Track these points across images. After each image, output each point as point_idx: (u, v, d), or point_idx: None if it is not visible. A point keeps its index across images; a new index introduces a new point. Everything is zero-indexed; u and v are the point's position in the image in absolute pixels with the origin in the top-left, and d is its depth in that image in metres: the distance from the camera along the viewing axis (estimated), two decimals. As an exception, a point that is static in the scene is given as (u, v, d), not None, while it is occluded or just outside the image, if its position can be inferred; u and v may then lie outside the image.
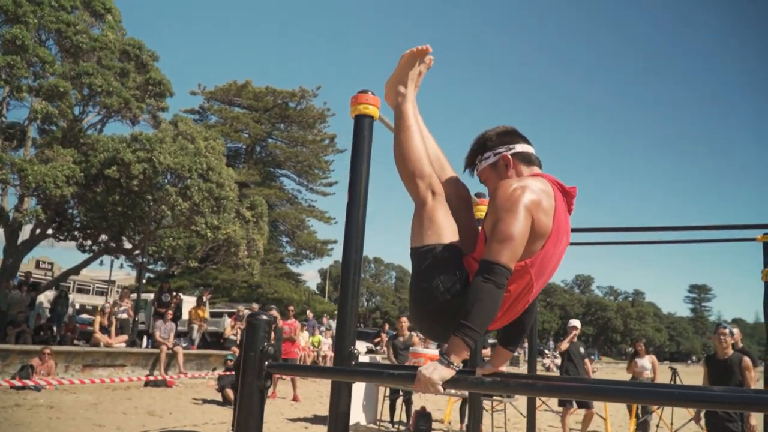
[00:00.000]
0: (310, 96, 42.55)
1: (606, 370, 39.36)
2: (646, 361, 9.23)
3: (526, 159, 2.18)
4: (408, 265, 2.75)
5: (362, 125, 2.66)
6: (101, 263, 39.30)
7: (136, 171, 13.30)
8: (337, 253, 56.60)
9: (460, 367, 1.78)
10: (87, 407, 8.91)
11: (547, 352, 37.41)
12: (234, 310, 18.06)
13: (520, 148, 2.18)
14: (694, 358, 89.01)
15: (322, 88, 43.35)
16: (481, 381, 1.71)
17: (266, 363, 2.11)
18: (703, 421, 5.92)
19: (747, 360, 5.62)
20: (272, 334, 6.88)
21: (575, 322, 9.31)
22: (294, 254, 47.59)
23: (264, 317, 2.21)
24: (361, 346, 21.93)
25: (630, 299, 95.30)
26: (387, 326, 28.47)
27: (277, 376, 12.21)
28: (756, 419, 5.58)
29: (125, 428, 7.45)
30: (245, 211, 16.52)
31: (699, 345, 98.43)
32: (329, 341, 19.01)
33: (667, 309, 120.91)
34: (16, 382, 8.30)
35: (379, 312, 76.88)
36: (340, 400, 2.40)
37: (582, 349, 8.99)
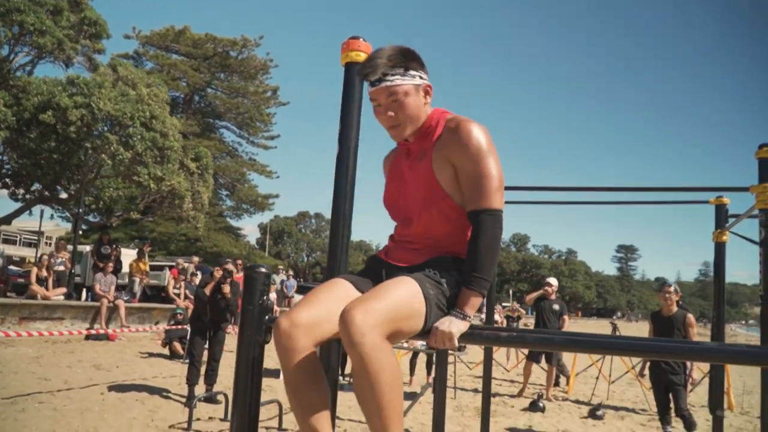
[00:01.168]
0: (252, 45, 41.25)
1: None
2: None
3: None
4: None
5: (352, 73, 2.60)
6: (30, 213, 37.59)
7: (74, 117, 12.60)
8: (278, 208, 56.04)
9: (472, 320, 1.80)
10: (29, 361, 8.62)
11: (497, 307, 38.47)
12: (173, 264, 17.67)
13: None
14: (618, 314, 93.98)
15: (265, 38, 42.14)
16: (497, 335, 1.73)
17: (266, 317, 2.08)
18: (647, 373, 6.28)
19: (690, 317, 5.95)
20: (228, 288, 6.76)
21: (551, 280, 9.43)
22: (234, 208, 46.85)
23: (263, 270, 2.17)
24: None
25: (563, 258, 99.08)
26: None
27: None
28: (696, 373, 5.95)
29: (72, 382, 7.27)
30: (190, 162, 16.03)
31: (624, 302, 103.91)
32: (274, 295, 18.99)
33: (597, 267, 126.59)
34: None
35: (320, 267, 76.98)
36: (330, 355, 2.40)
37: (557, 306, 8.94)
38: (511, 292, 65.67)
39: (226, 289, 6.73)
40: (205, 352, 6.87)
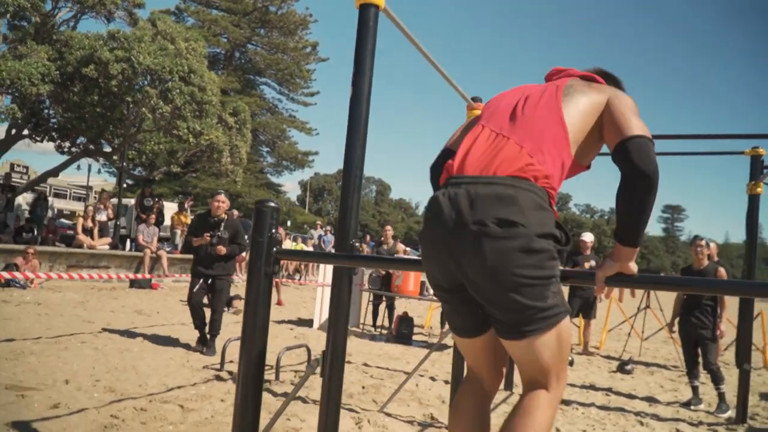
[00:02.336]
0: (292, 0, 40.94)
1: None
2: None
3: None
4: (389, 178, 2.70)
5: (367, 15, 2.58)
6: (78, 168, 38.69)
7: (115, 71, 12.85)
8: (317, 165, 56.42)
9: None
10: (75, 305, 9.05)
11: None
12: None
13: None
14: (662, 274, 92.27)
15: (303, -8, 41.77)
16: (658, 278, 1.71)
17: (274, 249, 2.15)
18: (676, 330, 6.20)
19: (722, 270, 5.83)
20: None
21: (585, 235, 9.21)
22: (274, 165, 47.39)
23: (272, 204, 2.22)
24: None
25: (605, 217, 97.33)
26: (368, 237, 28.72)
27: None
28: (724, 325, 5.86)
29: (114, 325, 7.62)
30: (228, 117, 16.21)
31: (669, 263, 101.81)
32: (311, 249, 19.32)
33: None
34: (6, 275, 8.34)
35: (359, 225, 77.59)
36: (341, 295, 2.46)
37: (592, 262, 8.76)
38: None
39: (222, 251, 6.53)
40: None
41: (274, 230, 2.15)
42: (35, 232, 14.96)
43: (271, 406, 4.61)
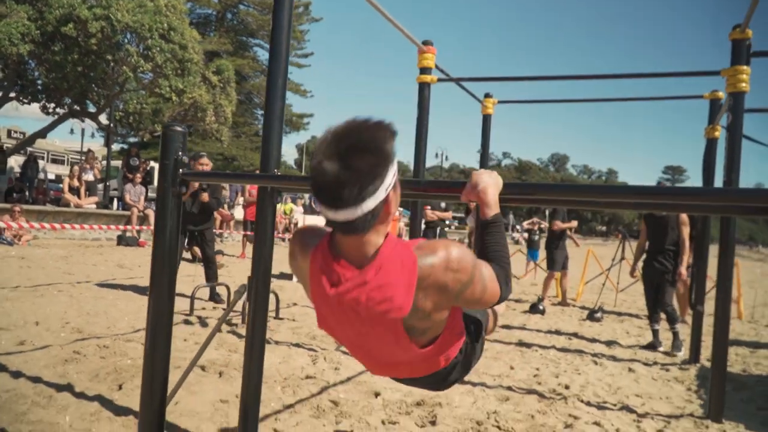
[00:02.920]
0: (283, -42, 40.21)
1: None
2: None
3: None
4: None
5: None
6: (72, 132, 38.61)
7: (94, 29, 12.76)
8: (315, 128, 56.13)
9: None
10: (57, 259, 9.22)
11: (517, 227, 38.61)
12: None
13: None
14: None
15: (295, -50, 41.00)
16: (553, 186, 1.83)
17: (180, 171, 2.25)
18: (639, 274, 6.35)
19: (684, 215, 5.92)
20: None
21: None
22: (270, 128, 47.17)
23: (179, 128, 2.31)
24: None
25: (603, 177, 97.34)
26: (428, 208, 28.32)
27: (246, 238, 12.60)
28: (685, 269, 5.99)
29: (94, 277, 7.79)
30: (211, 75, 16.13)
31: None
32: (301, 209, 19.45)
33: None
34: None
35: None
36: (265, 217, 2.58)
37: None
38: (547, 212, 65.35)
39: (205, 197, 6.74)
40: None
41: (180, 153, 2.25)
42: (25, 193, 15.09)
43: (233, 345, 4.80)
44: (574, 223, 9.33)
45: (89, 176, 14.17)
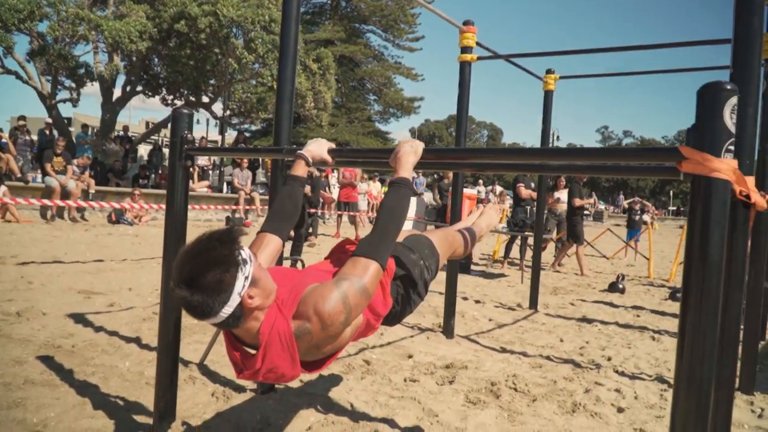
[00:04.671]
0: (393, -56, 40.51)
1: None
2: (564, 194, 9.89)
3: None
4: (501, 123, 2.99)
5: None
6: (197, 122, 41.51)
7: (203, 24, 13.81)
8: (425, 111, 56.14)
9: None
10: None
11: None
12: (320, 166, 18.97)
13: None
14: None
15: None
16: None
17: (185, 146, 2.61)
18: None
19: None
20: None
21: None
22: (381, 113, 47.93)
23: (185, 111, 2.67)
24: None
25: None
26: (480, 182, 28.29)
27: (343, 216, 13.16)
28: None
29: (193, 251, 8.59)
30: (311, 63, 16.84)
31: None
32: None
33: None
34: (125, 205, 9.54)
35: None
36: (275, 185, 2.89)
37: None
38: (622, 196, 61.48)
39: (306, 189, 7.34)
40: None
41: (186, 131, 2.61)
42: (151, 179, 16.68)
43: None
44: (592, 200, 9.73)
45: (203, 162, 15.37)
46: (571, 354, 4.48)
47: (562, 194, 9.99)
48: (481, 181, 27.02)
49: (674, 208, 54.52)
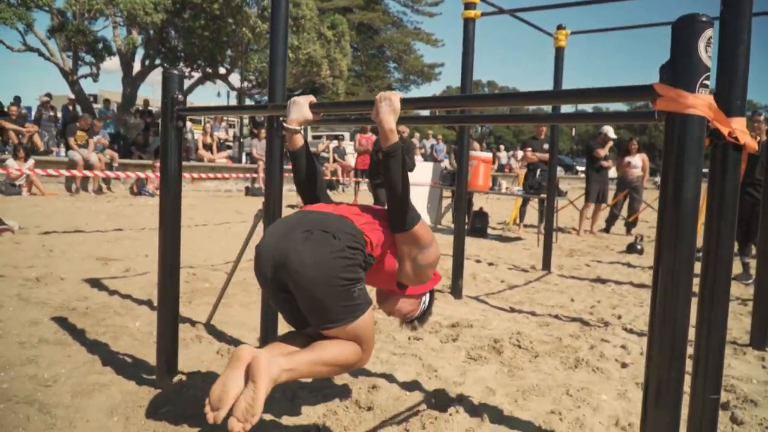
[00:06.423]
0: None
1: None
2: (637, 159, 9.66)
3: None
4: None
5: None
6: (218, 95, 41.66)
7: (216, -6, 13.78)
8: (445, 78, 55.43)
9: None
10: (186, 207, 10.24)
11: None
12: (337, 134, 18.98)
13: None
14: None
15: None
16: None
17: (176, 107, 2.63)
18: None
19: None
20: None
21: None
22: (402, 80, 47.45)
23: (175, 72, 2.68)
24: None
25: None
26: (502, 148, 27.89)
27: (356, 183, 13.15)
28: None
29: (210, 221, 8.73)
30: (326, 30, 16.70)
31: None
32: (420, 158, 19.77)
33: None
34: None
35: (493, 137, 76.35)
36: (273, 151, 2.93)
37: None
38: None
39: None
40: None
41: (177, 92, 2.63)
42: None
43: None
44: (608, 162, 9.45)
45: (221, 133, 15.46)
46: (580, 313, 4.47)
47: (634, 159, 9.71)
48: (502, 147, 26.75)
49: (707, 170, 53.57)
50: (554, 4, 4.77)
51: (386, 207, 2.08)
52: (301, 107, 2.20)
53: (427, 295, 2.31)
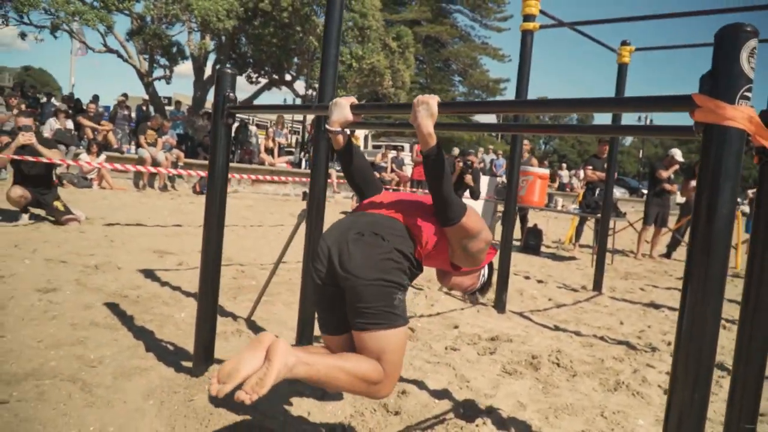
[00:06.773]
0: None
1: None
2: None
3: None
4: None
5: None
6: (284, 100, 42.58)
7: (285, 3, 14.12)
8: (510, 93, 54.93)
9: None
10: (243, 208, 10.63)
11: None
12: (395, 144, 19.09)
13: None
14: None
15: None
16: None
17: (227, 105, 2.72)
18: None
19: None
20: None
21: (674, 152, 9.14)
22: (466, 94, 47.25)
23: (229, 71, 2.78)
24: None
25: None
26: (564, 166, 27.21)
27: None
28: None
29: (265, 222, 8.91)
30: (391, 41, 16.85)
31: None
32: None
33: None
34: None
35: (557, 155, 74.94)
36: (319, 149, 2.98)
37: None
38: None
39: (468, 179, 7.33)
40: None
41: (229, 90, 2.72)
42: (237, 153, 17.32)
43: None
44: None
45: (282, 139, 15.80)
46: (627, 336, 4.33)
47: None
48: (564, 165, 26.20)
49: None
50: (616, 18, 4.67)
51: None
52: (342, 108, 2.23)
53: (486, 268, 2.32)
